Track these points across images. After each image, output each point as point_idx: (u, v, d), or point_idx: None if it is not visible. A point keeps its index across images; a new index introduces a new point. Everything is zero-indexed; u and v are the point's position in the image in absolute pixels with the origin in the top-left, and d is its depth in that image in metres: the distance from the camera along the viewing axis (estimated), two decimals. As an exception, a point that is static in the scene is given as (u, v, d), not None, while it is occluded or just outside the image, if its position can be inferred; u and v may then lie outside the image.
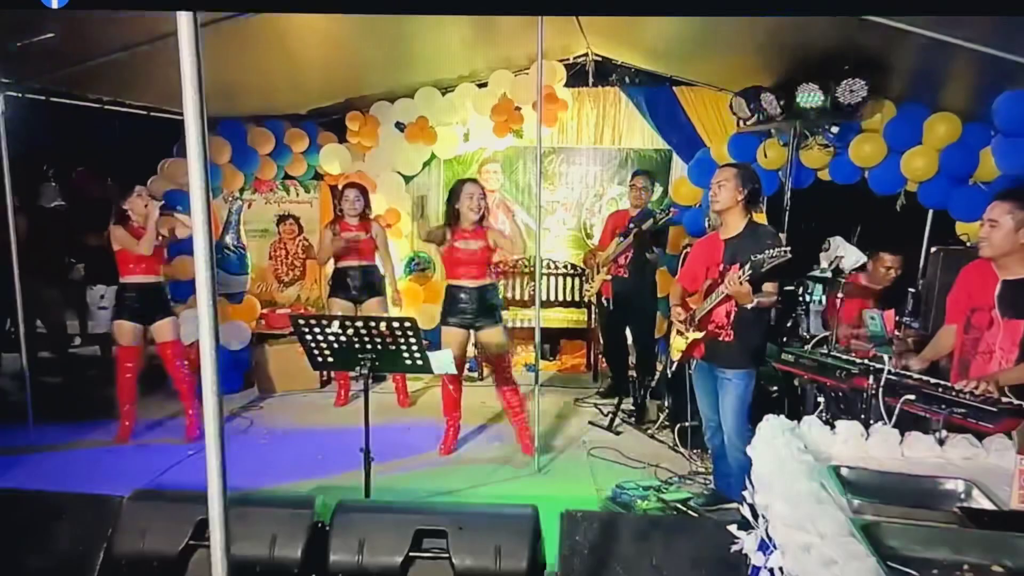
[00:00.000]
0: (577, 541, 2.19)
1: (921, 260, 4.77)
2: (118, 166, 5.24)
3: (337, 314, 3.88)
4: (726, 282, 2.92)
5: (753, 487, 1.65)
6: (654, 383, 4.79)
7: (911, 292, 4.13)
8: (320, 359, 2.98)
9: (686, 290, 3.31)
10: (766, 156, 4.87)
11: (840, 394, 3.08)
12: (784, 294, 3.50)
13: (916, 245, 4.89)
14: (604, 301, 5.18)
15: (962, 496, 1.62)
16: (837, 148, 4.69)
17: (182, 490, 2.62)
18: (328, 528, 2.23)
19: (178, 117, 1.39)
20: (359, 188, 4.74)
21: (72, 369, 5.53)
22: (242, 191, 5.78)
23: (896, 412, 2.35)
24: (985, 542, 1.36)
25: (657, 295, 5.14)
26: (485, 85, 5.60)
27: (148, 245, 3.95)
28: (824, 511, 1.38)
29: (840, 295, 3.57)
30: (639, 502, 3.36)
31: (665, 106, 5.55)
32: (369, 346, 2.86)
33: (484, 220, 3.93)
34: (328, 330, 2.84)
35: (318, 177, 6.11)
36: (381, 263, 4.85)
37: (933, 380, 2.45)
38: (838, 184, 4.85)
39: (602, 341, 5.47)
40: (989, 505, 1.55)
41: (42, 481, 3.44)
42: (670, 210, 4.76)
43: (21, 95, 4.25)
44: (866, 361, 2.69)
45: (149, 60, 3.71)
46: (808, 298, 4.05)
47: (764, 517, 1.55)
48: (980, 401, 2.22)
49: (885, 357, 2.54)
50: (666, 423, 4.36)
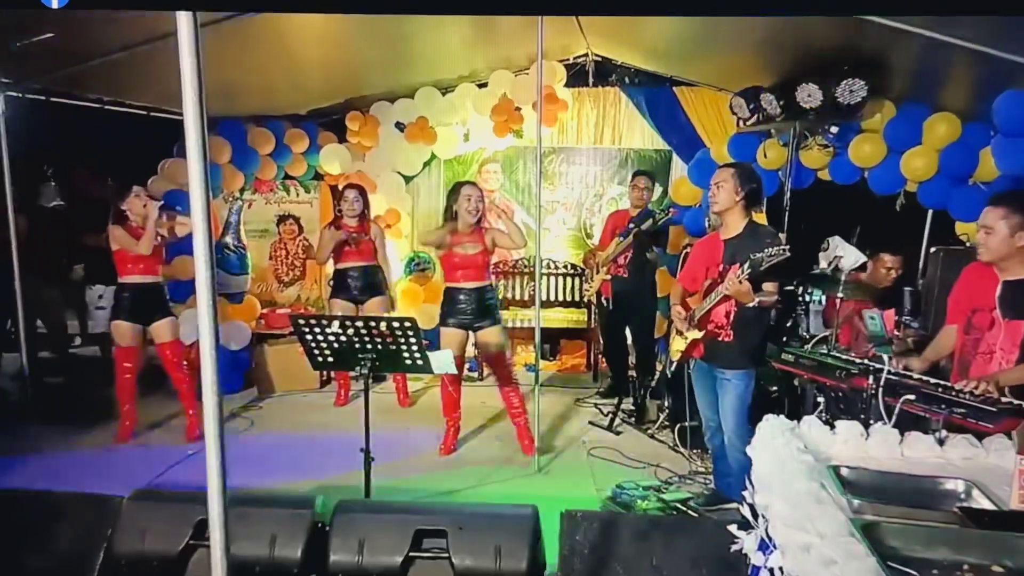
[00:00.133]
0: (577, 541, 2.19)
1: (921, 260, 4.78)
2: (118, 166, 5.24)
3: (337, 314, 3.88)
4: (726, 282, 2.92)
5: (753, 487, 1.64)
6: (654, 383, 4.79)
7: (910, 292, 4.13)
8: (320, 359, 2.97)
9: (686, 290, 3.31)
10: (766, 156, 4.87)
11: (840, 394, 3.08)
12: (784, 294, 3.49)
13: (916, 245, 4.90)
14: (604, 301, 5.18)
15: (962, 496, 1.62)
16: (837, 148, 4.69)
17: (182, 490, 2.61)
18: (328, 528, 2.23)
19: (178, 117, 1.39)
20: (358, 189, 4.74)
21: (72, 369, 5.52)
22: (242, 191, 5.78)
23: (896, 412, 2.35)
24: (985, 542, 1.36)
25: (657, 295, 5.14)
26: (485, 85, 5.61)
27: (147, 245, 3.95)
28: (824, 511, 1.38)
29: (840, 295, 3.56)
30: (639, 502, 3.36)
31: (665, 106, 5.56)
32: (369, 346, 2.86)
33: (482, 222, 3.94)
34: (328, 330, 2.84)
35: (318, 177, 6.11)
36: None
37: (933, 380, 2.45)
38: (838, 184, 4.85)
39: (602, 341, 5.46)
40: (989, 505, 1.55)
41: (42, 481, 3.43)
42: (670, 210, 4.76)
43: (21, 95, 4.25)
44: (866, 361, 2.69)
45: (149, 60, 3.72)
46: (808, 298, 4.05)
47: (764, 517, 1.55)
48: (980, 401, 2.22)
49: (885, 357, 2.55)
50: (666, 423, 4.36)
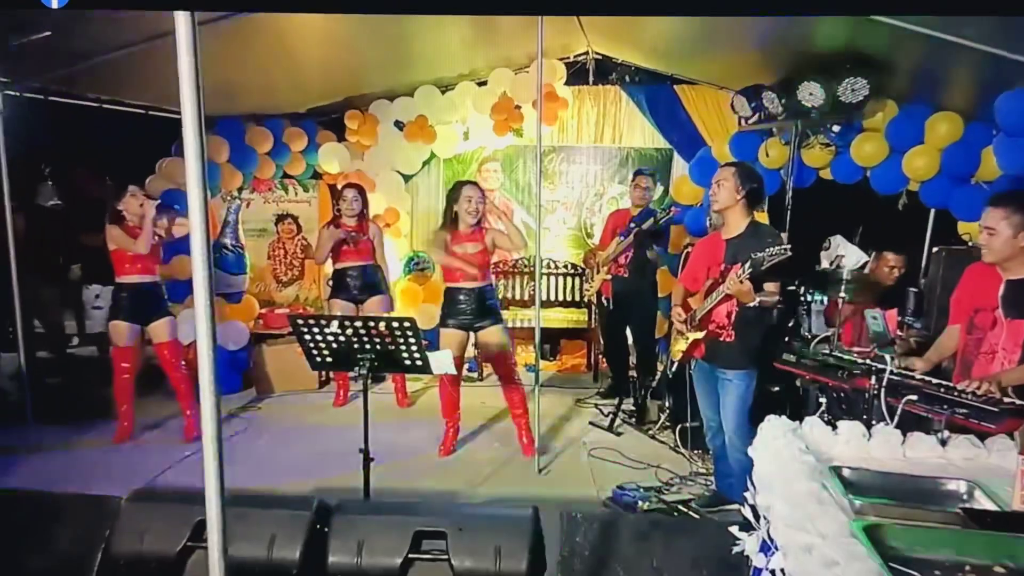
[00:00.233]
0: (577, 542, 2.19)
1: (923, 260, 4.76)
2: (116, 165, 5.22)
3: (336, 314, 3.87)
4: (727, 281, 2.91)
5: (754, 488, 1.64)
6: (655, 383, 4.77)
7: (913, 292, 4.12)
8: (319, 359, 2.96)
9: (687, 290, 3.30)
10: (768, 155, 4.86)
11: (842, 394, 3.07)
12: (786, 293, 3.48)
13: (918, 245, 4.89)
14: (604, 301, 5.17)
15: (964, 497, 1.62)
16: (839, 147, 4.68)
17: (180, 491, 2.60)
18: (327, 529, 2.22)
19: (176, 116, 1.38)
20: (357, 188, 4.73)
21: (70, 369, 5.51)
22: (240, 190, 5.77)
23: (898, 412, 2.34)
24: (987, 543, 1.35)
25: (658, 295, 5.13)
26: (485, 83, 5.60)
27: (145, 244, 3.95)
28: (826, 512, 1.37)
29: (842, 295, 3.55)
30: (640, 503, 3.35)
31: (666, 105, 5.55)
32: (368, 346, 2.85)
33: (482, 222, 3.92)
34: (327, 330, 2.83)
35: (317, 176, 6.11)
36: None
37: (935, 380, 2.44)
38: (840, 183, 4.84)
39: (602, 341, 5.45)
40: (991, 506, 1.55)
41: (40, 481, 3.43)
42: (671, 209, 4.75)
43: (19, 94, 4.24)
44: (868, 361, 2.68)
45: (147, 59, 3.71)
46: (810, 298, 4.04)
47: (765, 518, 1.54)
48: (982, 401, 2.22)
49: (887, 357, 2.54)
50: (667, 424, 4.35)
